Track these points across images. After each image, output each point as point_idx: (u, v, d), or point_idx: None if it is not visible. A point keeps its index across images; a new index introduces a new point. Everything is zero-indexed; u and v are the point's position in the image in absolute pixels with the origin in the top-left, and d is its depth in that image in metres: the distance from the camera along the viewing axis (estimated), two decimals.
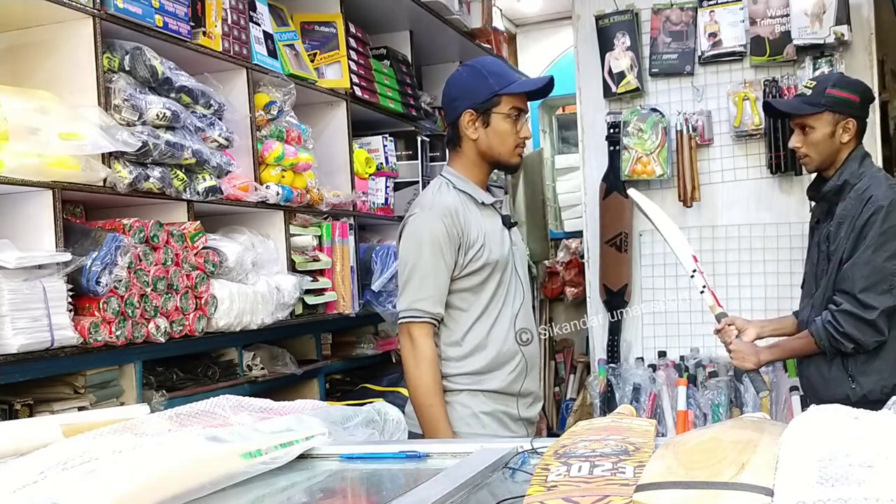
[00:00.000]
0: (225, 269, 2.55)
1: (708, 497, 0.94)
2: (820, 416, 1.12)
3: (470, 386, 2.37)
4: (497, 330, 2.40)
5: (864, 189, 2.59)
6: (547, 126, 6.05)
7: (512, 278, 2.45)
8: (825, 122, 2.63)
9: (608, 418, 1.45)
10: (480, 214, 2.41)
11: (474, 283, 2.37)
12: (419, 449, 1.59)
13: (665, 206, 4.05)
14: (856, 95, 2.67)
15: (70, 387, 2.19)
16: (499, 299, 2.41)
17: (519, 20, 5.93)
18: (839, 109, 2.63)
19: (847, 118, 2.63)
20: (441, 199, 2.38)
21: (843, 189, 2.63)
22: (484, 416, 2.37)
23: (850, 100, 2.65)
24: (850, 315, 2.53)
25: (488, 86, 2.35)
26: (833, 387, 2.60)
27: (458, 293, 2.38)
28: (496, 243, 2.40)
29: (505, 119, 2.36)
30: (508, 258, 2.43)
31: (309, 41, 3.29)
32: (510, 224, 2.47)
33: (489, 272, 2.37)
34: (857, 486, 0.88)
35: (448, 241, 2.32)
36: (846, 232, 2.59)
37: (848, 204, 2.61)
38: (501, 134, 2.37)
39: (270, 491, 1.39)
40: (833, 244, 2.62)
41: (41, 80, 2.22)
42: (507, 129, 2.37)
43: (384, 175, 3.62)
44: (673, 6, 4.01)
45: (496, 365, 2.38)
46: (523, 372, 2.43)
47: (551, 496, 1.02)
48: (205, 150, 2.48)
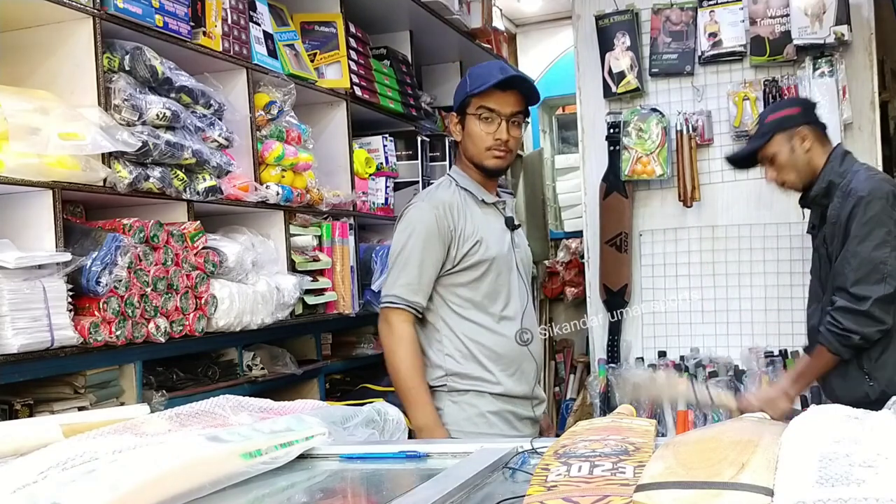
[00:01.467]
0: (225, 269, 2.55)
1: (708, 497, 0.94)
2: (820, 416, 1.12)
3: (476, 386, 2.38)
4: (500, 328, 2.40)
5: (847, 184, 2.61)
6: (547, 126, 6.05)
7: (514, 279, 2.45)
8: (779, 143, 2.70)
9: (608, 418, 1.45)
10: (481, 212, 2.42)
11: (471, 278, 2.38)
12: (419, 449, 1.59)
13: (665, 206, 4.08)
14: (792, 108, 2.76)
15: (70, 387, 2.19)
16: (499, 297, 2.41)
17: (519, 20, 5.93)
18: (784, 126, 2.70)
19: (795, 129, 2.69)
20: (438, 194, 2.42)
21: (829, 190, 2.66)
22: (491, 415, 2.38)
23: (788, 115, 2.73)
24: (846, 311, 2.53)
25: (464, 89, 2.40)
26: (853, 387, 2.58)
27: (455, 288, 2.39)
28: (494, 241, 2.40)
29: (475, 120, 2.38)
30: (510, 258, 2.43)
31: (309, 41, 3.29)
32: (514, 226, 2.47)
33: (486, 268, 2.38)
34: (857, 486, 0.88)
35: (437, 233, 2.34)
36: (837, 232, 2.60)
37: (836, 203, 2.63)
38: (473, 135, 2.39)
39: (270, 491, 1.39)
40: (830, 246, 2.64)
41: (41, 80, 2.22)
42: (476, 130, 2.38)
43: (384, 175, 3.63)
44: (673, 6, 4.01)
45: (502, 365, 2.39)
46: (528, 372, 2.44)
47: (551, 496, 1.02)
48: (205, 150, 2.48)
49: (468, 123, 2.40)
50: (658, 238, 4.09)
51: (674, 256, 4.03)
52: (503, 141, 2.37)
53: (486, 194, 2.44)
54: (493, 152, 2.39)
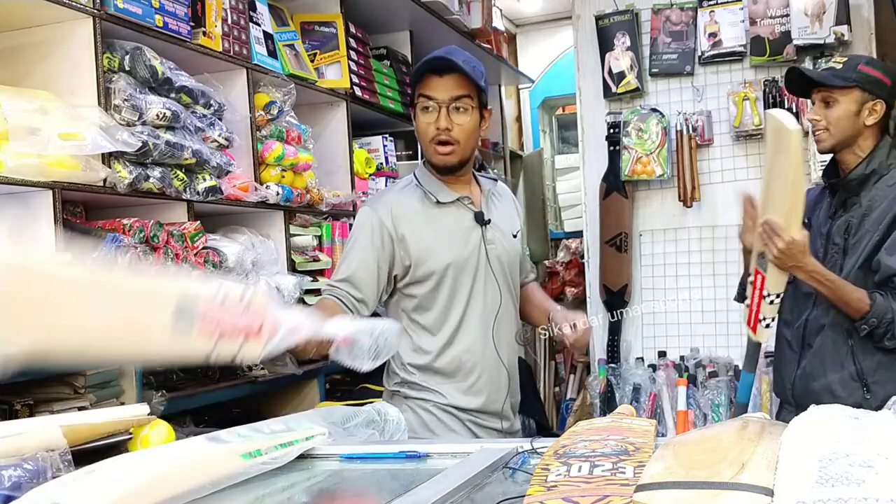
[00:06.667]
0: (225, 269, 2.55)
1: (708, 497, 0.94)
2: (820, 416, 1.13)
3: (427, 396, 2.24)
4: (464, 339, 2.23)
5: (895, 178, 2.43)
6: (547, 126, 6.05)
7: (481, 280, 2.24)
8: (852, 99, 2.44)
9: (608, 418, 1.45)
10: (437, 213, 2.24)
11: (423, 291, 2.22)
12: (419, 449, 1.59)
13: (665, 206, 4.08)
14: (888, 78, 2.48)
15: (70, 387, 2.19)
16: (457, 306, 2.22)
17: (519, 20, 5.93)
18: (869, 88, 2.44)
19: (875, 99, 2.45)
20: (388, 196, 2.30)
21: (868, 179, 2.45)
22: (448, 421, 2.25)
23: (881, 81, 2.46)
24: None
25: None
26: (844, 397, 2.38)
27: (410, 299, 2.24)
28: (450, 245, 2.22)
29: (417, 112, 2.20)
30: (475, 258, 2.23)
31: (309, 41, 3.29)
32: (484, 221, 2.25)
33: (439, 277, 2.20)
34: (856, 486, 0.89)
35: (380, 233, 2.19)
36: (874, 223, 2.41)
37: (876, 194, 2.43)
38: (418, 130, 2.23)
39: (270, 491, 1.39)
40: (854, 236, 2.43)
41: (41, 80, 2.22)
42: (419, 123, 2.20)
43: (384, 175, 3.63)
44: (673, 6, 4.01)
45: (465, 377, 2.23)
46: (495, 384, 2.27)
47: (551, 496, 1.02)
48: (205, 150, 2.48)
49: (415, 119, 2.22)
50: (658, 238, 4.09)
51: (674, 256, 4.03)
52: (443, 129, 2.15)
53: (445, 193, 2.24)
54: (435, 146, 2.18)
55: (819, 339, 2.47)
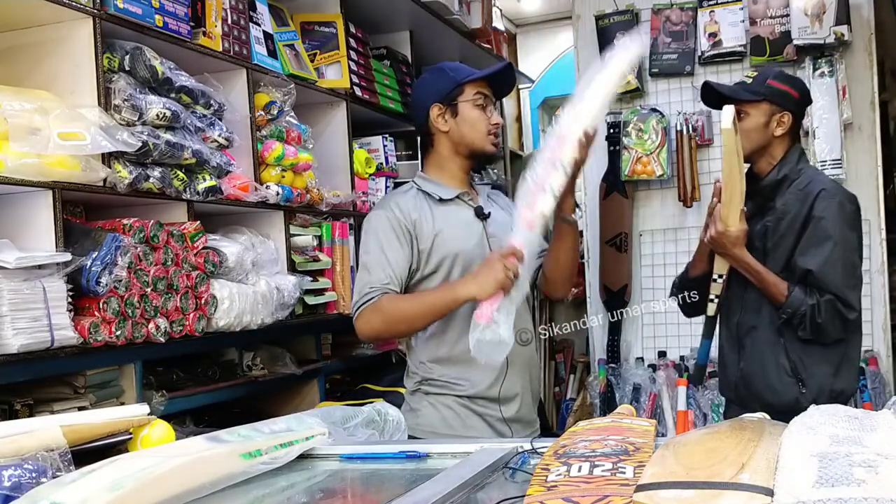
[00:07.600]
0: (225, 269, 2.55)
1: (708, 497, 0.94)
2: (820, 417, 1.12)
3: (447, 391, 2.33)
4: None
5: (808, 183, 2.55)
6: (547, 126, 6.05)
7: None
8: (761, 112, 2.59)
9: (608, 418, 1.45)
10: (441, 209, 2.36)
11: (434, 284, 2.31)
12: (419, 449, 1.59)
13: (665, 206, 4.08)
14: (795, 91, 2.64)
15: (70, 387, 2.19)
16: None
17: (519, 20, 5.93)
18: (777, 101, 2.59)
19: (783, 112, 2.59)
20: (393, 198, 2.41)
21: (781, 184, 2.59)
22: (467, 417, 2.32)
23: (789, 94, 2.61)
24: (835, 312, 2.45)
25: (451, 79, 2.38)
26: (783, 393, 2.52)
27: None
28: (458, 235, 2.33)
29: (472, 105, 2.36)
30: (479, 252, 2.32)
31: (309, 41, 3.29)
32: (484, 215, 2.38)
33: (449, 267, 2.31)
34: (857, 486, 0.89)
35: (396, 231, 2.30)
36: (788, 226, 2.53)
37: (789, 198, 2.56)
38: (471, 120, 2.37)
39: (270, 491, 1.39)
40: (771, 240, 2.56)
41: (41, 80, 2.22)
42: (475, 115, 2.37)
43: (384, 175, 3.62)
44: (673, 6, 4.01)
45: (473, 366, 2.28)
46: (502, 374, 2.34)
47: (551, 496, 1.02)
48: (205, 150, 2.48)
49: (463, 110, 2.36)
50: (658, 238, 4.09)
51: (674, 256, 4.03)
52: (496, 124, 2.39)
53: (444, 192, 2.37)
54: (491, 137, 2.39)
55: (750, 339, 2.62)
